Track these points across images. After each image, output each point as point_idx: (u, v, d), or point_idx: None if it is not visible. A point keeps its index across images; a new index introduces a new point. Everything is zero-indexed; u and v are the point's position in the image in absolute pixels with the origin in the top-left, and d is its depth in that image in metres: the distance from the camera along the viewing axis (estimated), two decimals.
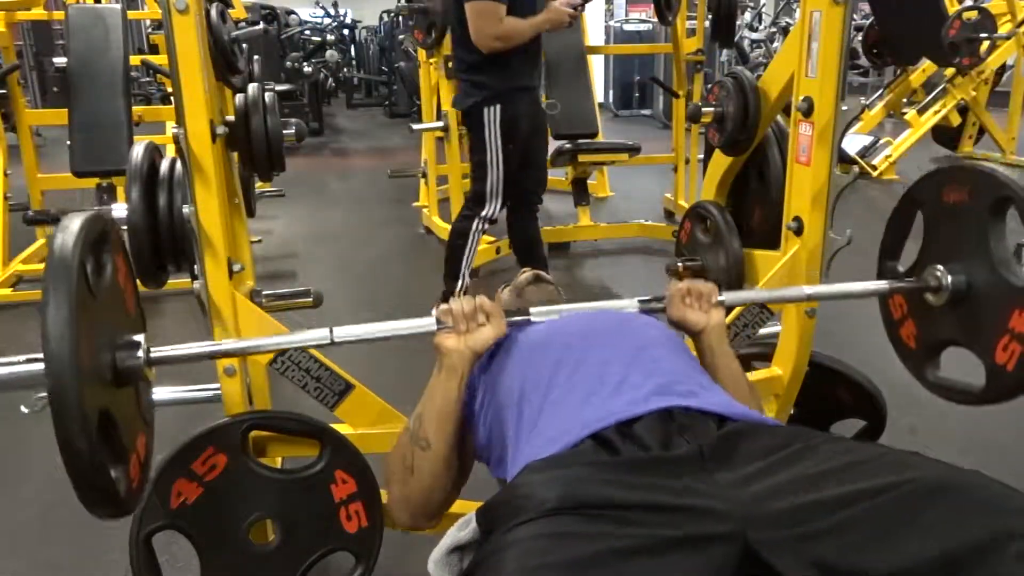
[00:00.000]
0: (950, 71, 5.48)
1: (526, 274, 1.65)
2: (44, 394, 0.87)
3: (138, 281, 1.42)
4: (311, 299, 1.68)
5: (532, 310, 1.28)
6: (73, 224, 0.94)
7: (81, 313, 0.89)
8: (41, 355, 0.86)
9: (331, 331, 1.20)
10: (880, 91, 6.18)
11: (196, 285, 1.34)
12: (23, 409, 0.96)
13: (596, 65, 5.47)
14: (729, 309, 1.37)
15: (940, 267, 1.31)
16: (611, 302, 1.34)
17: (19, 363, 0.97)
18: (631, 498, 0.87)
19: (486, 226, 2.97)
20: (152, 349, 1.07)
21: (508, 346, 1.27)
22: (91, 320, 0.93)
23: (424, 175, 4.51)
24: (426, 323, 1.22)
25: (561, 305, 1.33)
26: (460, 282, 3.02)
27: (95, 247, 0.98)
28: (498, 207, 2.91)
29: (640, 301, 1.31)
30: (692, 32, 4.50)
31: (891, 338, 1.48)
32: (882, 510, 0.81)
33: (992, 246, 1.24)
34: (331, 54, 9.30)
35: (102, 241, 1.00)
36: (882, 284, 1.38)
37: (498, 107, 2.72)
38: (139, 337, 1.06)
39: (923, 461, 0.88)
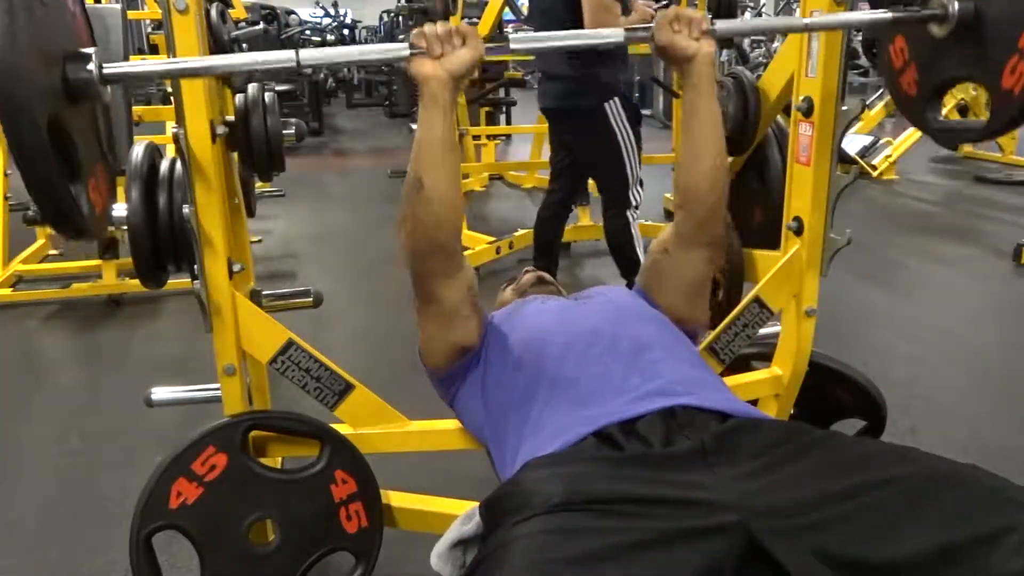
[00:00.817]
0: None
1: (528, 275, 1.65)
2: None
3: (137, 281, 1.43)
4: (311, 299, 1.67)
5: (512, 36, 1.22)
6: None
7: (22, 7, 0.85)
8: None
9: (297, 53, 1.12)
10: (880, 91, 6.18)
11: (196, 285, 1.34)
12: None
13: None
14: (721, 43, 1.30)
15: None
16: (598, 31, 1.29)
17: None
18: (636, 493, 0.87)
19: (638, 212, 2.99)
20: (105, 65, 1.02)
21: (509, 342, 1.27)
22: (36, 23, 0.89)
23: None
24: (398, 48, 1.15)
25: (540, 33, 1.26)
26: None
27: None
28: (641, 191, 2.93)
29: (627, 29, 1.24)
30: None
31: (891, 89, 1.41)
32: (883, 503, 0.82)
33: None
34: None
35: None
36: (885, 13, 1.30)
37: (617, 99, 2.75)
38: (90, 50, 1.02)
39: (923, 456, 0.89)
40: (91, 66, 1.00)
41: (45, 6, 0.94)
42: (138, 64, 1.11)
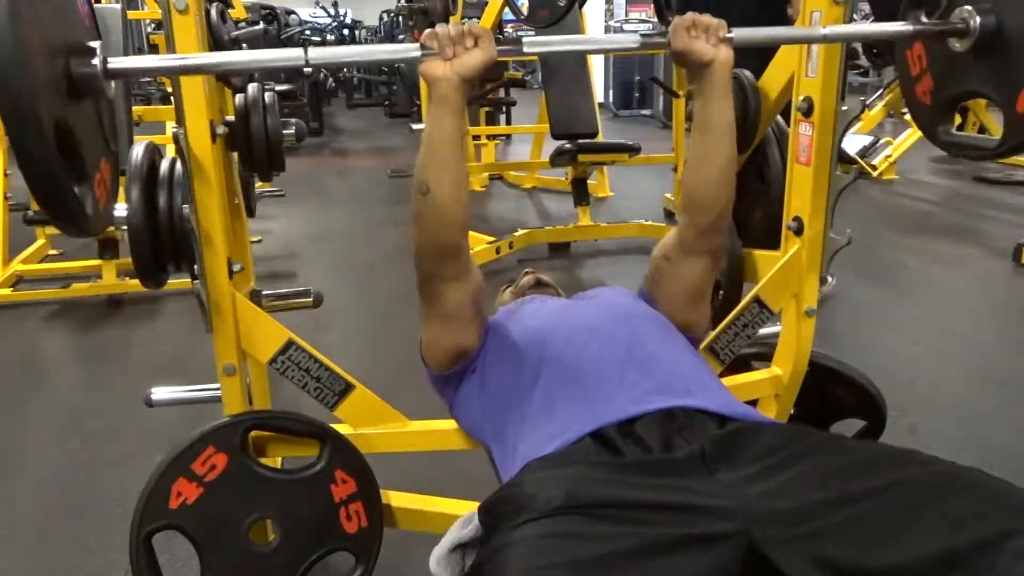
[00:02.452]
0: None
1: (527, 277, 1.66)
2: None
3: (137, 281, 1.43)
4: (311, 299, 1.67)
5: (525, 39, 1.20)
6: None
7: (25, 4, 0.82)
8: None
9: (305, 50, 1.09)
10: (880, 91, 6.18)
11: (196, 285, 1.33)
12: None
13: (596, 65, 5.47)
14: (739, 51, 1.26)
15: (969, 7, 1.20)
16: (612, 36, 1.25)
17: None
18: (635, 498, 0.87)
19: None
20: (110, 59, 0.99)
21: (508, 340, 1.27)
22: (40, 21, 0.86)
23: None
24: (409, 48, 1.13)
25: (556, 36, 1.24)
26: None
27: None
28: None
29: (642, 34, 1.22)
30: None
31: (905, 96, 1.39)
32: (884, 508, 0.82)
33: None
34: None
35: None
36: (905, 25, 1.27)
37: None
38: (94, 44, 0.99)
39: (924, 459, 0.89)
40: (95, 61, 0.97)
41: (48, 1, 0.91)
42: (143, 59, 1.08)
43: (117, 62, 1.00)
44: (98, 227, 0.96)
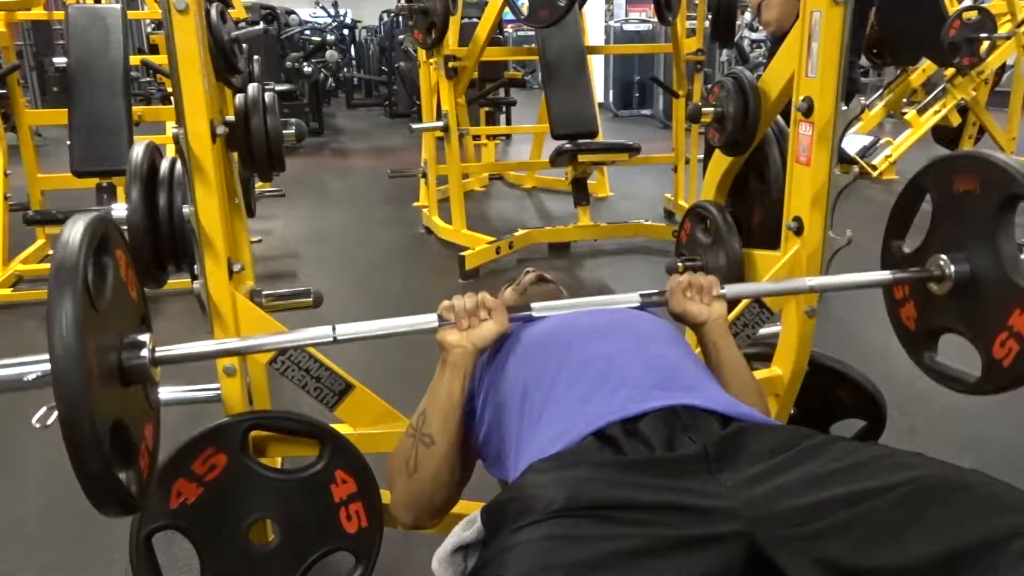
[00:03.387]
0: (950, 71, 5.48)
1: (530, 275, 1.65)
2: (54, 412, 0.88)
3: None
4: (311, 299, 1.67)
5: (534, 306, 1.28)
6: (73, 236, 0.91)
7: (86, 331, 0.87)
8: (47, 358, 0.86)
9: (334, 329, 1.20)
10: (880, 91, 6.18)
11: (196, 285, 1.34)
12: (35, 423, 0.96)
13: (596, 65, 5.48)
14: (731, 303, 1.36)
15: (944, 257, 1.30)
16: (612, 296, 1.33)
17: (28, 367, 0.97)
18: (637, 498, 0.87)
19: None
20: (157, 349, 1.07)
21: (510, 344, 1.27)
22: (96, 331, 0.91)
23: (424, 175, 4.51)
24: (428, 320, 1.22)
25: (563, 300, 1.33)
26: None
27: (96, 254, 0.96)
28: None
29: (641, 295, 1.31)
30: (692, 32, 4.51)
31: (891, 319, 1.47)
32: (886, 509, 0.81)
33: (998, 241, 1.23)
34: (331, 54, 9.30)
35: (103, 245, 0.98)
36: (885, 275, 1.38)
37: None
38: (144, 337, 1.06)
39: (926, 461, 0.89)
40: (144, 352, 1.04)
41: (102, 308, 0.94)
42: (187, 347, 1.15)
43: (164, 351, 1.08)
44: (141, 505, 0.98)
